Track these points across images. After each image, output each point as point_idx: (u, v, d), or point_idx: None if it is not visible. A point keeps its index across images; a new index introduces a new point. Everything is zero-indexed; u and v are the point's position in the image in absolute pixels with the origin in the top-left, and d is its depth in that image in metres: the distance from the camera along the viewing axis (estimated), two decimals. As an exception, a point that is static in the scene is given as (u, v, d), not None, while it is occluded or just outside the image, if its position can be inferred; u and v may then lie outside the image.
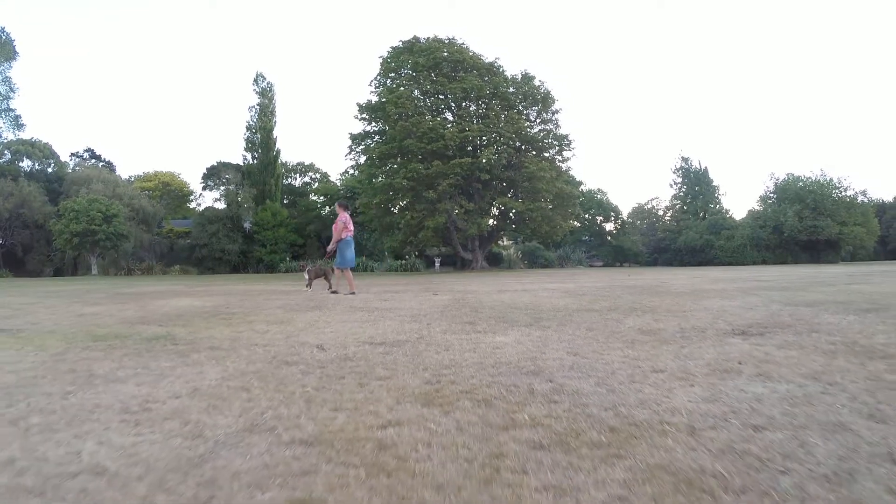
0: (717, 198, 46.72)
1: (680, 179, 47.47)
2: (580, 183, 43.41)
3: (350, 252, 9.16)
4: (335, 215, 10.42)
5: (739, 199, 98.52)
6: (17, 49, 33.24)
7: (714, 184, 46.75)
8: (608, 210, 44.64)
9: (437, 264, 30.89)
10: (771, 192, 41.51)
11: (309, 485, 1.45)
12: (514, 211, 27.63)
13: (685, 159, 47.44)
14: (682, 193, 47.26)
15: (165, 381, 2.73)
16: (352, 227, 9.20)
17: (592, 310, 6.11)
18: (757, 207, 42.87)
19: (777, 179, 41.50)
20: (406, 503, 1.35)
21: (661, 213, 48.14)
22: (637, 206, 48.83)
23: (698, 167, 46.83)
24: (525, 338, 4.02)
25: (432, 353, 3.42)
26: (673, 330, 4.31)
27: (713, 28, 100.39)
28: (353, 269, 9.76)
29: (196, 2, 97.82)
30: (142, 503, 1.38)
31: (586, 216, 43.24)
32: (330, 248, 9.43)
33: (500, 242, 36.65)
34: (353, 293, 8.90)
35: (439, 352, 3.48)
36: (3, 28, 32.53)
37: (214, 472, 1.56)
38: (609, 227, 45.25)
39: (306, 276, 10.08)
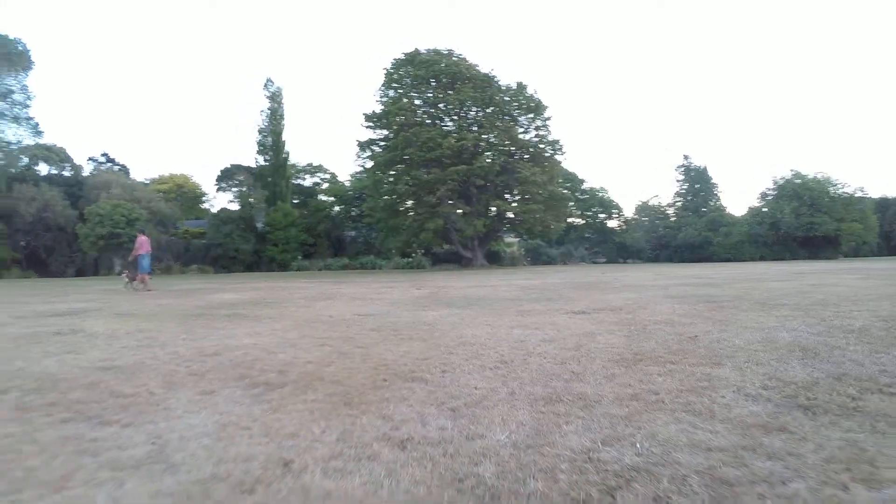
0: (717, 195, 47.13)
1: (681, 177, 48.04)
2: (583, 181, 45.01)
3: (145, 262, 13.97)
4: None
5: (740, 196, 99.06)
6: (32, 58, 33.73)
7: (713, 181, 47.51)
8: (610, 207, 45.52)
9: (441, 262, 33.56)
10: (771, 190, 42.08)
11: (325, 342, 4.66)
12: (508, 213, 30.17)
13: (686, 157, 48.25)
14: (682, 190, 47.77)
15: (257, 328, 5.82)
16: (148, 248, 14.19)
17: (518, 299, 9.01)
18: (757, 204, 43.41)
19: (778, 177, 42.15)
20: (354, 341, 4.44)
21: (663, 209, 48.63)
22: (641, 203, 49.65)
23: (698, 165, 47.69)
24: (445, 311, 7.04)
25: (388, 319, 6.43)
26: (541, 310, 7.17)
27: (714, 28, 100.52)
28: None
29: (206, 7, 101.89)
30: (280, 345, 4.40)
31: (588, 214, 44.57)
32: (130, 257, 14.89)
33: (504, 240, 38.76)
34: (150, 290, 13.20)
35: (392, 318, 6.48)
36: (19, 39, 33.22)
37: (295, 343, 4.69)
38: (612, 224, 45.93)
39: (126, 278, 14.28)
